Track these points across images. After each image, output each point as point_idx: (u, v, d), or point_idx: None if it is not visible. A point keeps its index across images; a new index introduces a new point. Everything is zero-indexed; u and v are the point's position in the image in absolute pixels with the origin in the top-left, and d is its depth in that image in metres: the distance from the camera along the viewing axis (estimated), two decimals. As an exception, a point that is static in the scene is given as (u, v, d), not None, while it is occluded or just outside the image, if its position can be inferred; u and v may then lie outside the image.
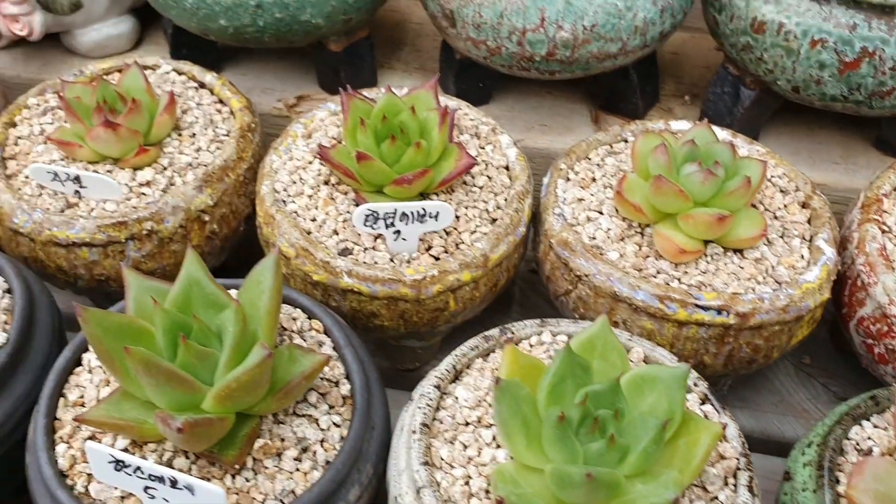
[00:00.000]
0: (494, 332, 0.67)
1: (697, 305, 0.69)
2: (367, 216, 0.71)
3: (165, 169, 0.79)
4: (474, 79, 0.93)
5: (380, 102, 0.76)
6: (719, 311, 0.69)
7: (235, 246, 0.84)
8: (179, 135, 0.82)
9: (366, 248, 0.73)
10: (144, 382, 0.57)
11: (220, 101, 0.86)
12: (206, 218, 0.78)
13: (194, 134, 0.82)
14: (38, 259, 0.76)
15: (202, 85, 0.87)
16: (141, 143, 0.78)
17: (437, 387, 0.63)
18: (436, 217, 0.71)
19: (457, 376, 0.65)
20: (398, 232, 0.72)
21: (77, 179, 0.75)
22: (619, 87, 0.92)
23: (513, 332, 0.67)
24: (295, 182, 0.77)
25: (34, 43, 0.99)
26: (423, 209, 0.71)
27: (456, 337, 0.88)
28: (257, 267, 0.62)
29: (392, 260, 0.72)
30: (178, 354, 0.59)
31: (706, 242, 0.73)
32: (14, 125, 0.83)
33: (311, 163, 0.79)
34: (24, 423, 0.65)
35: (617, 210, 0.76)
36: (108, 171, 0.78)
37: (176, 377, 0.56)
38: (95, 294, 0.81)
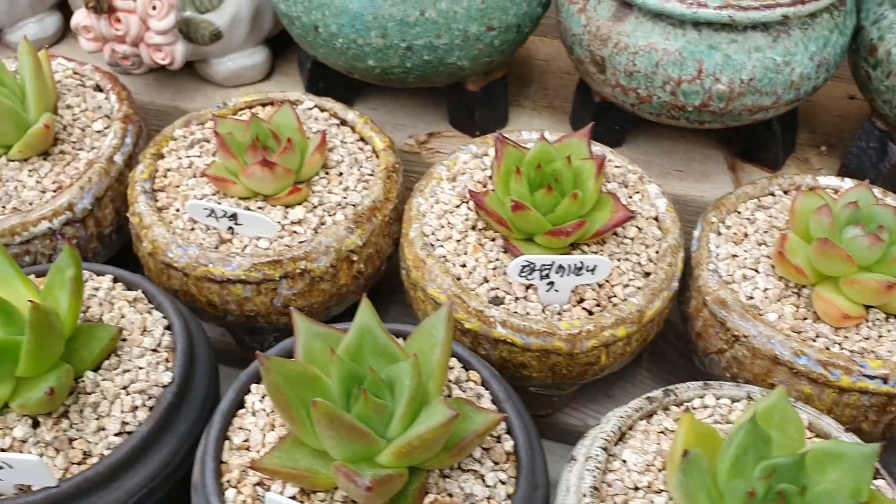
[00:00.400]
0: (657, 393, 0.66)
1: (863, 373, 0.67)
2: (524, 267, 0.71)
3: (315, 208, 0.79)
4: (611, 122, 0.93)
5: (533, 150, 0.75)
6: (885, 380, 0.67)
7: (374, 285, 0.84)
8: (327, 173, 0.82)
9: (517, 298, 0.73)
10: (324, 434, 0.57)
11: (362, 140, 0.86)
12: (355, 258, 0.78)
13: (341, 173, 0.82)
14: (189, 293, 0.77)
15: (343, 122, 0.88)
16: (293, 181, 0.79)
17: (605, 448, 0.62)
18: (592, 271, 0.71)
19: (621, 437, 0.64)
20: (552, 283, 0.72)
21: (234, 217, 0.76)
22: (760, 136, 0.91)
23: (676, 395, 0.67)
24: (443, 226, 0.77)
25: (167, 71, 1.00)
26: (581, 262, 0.70)
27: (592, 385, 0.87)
28: (430, 319, 0.62)
29: (543, 311, 0.72)
30: (351, 405, 0.59)
31: (867, 307, 0.71)
32: (162, 156, 0.84)
33: (458, 207, 0.79)
34: (186, 462, 0.66)
35: (773, 268, 0.75)
36: (259, 208, 0.78)
37: (357, 431, 0.56)
38: (237, 328, 0.82)
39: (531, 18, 0.87)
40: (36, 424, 0.63)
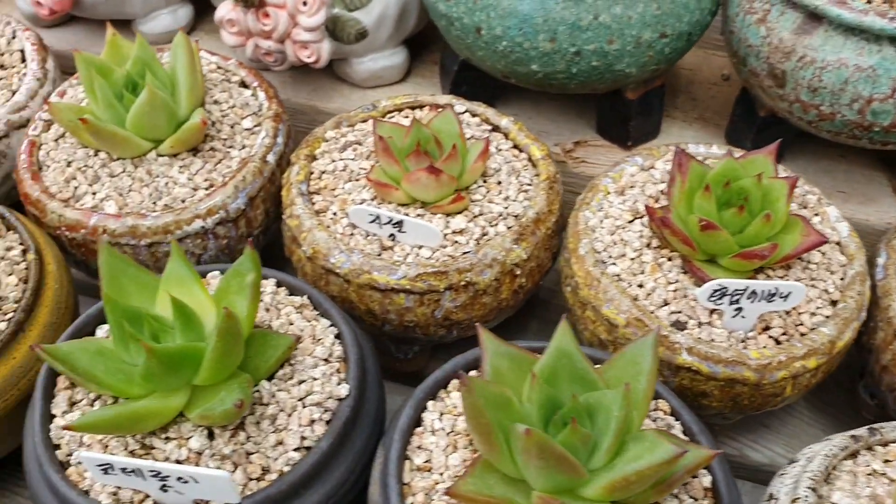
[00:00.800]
0: (862, 432, 0.62)
1: None
2: (715, 291, 0.67)
3: (476, 217, 0.76)
4: (772, 137, 0.88)
5: (720, 166, 0.71)
6: None
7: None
8: (485, 181, 0.79)
9: (700, 323, 0.69)
10: (530, 463, 0.53)
11: (517, 147, 0.83)
12: (518, 272, 0.74)
13: (500, 182, 0.79)
14: (349, 300, 0.74)
15: (496, 128, 0.84)
16: (455, 189, 0.76)
17: (813, 489, 0.58)
18: (785, 298, 0.67)
19: (826, 477, 0.60)
20: (739, 309, 0.67)
21: (398, 224, 0.73)
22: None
23: (881, 434, 0.62)
24: (615, 243, 0.74)
25: (303, 68, 0.98)
26: (775, 288, 0.66)
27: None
28: (635, 346, 0.58)
29: (728, 338, 0.68)
30: (551, 433, 0.56)
31: None
32: (315, 158, 0.81)
33: (630, 222, 0.75)
34: (360, 481, 0.63)
35: (973, 302, 0.70)
36: (418, 216, 0.75)
37: (566, 462, 0.53)
38: (388, 338, 0.79)
39: (701, 26, 0.83)
40: (211, 436, 0.60)
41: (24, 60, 0.93)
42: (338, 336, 0.68)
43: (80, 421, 0.56)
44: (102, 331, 0.68)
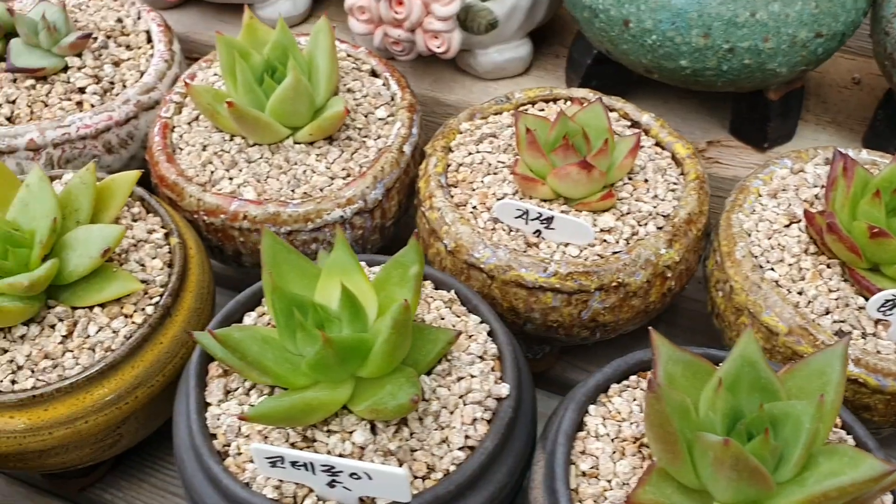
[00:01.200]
0: None
1: None
2: (886, 301, 0.64)
3: (624, 216, 0.73)
4: (917, 144, 0.85)
5: (887, 171, 0.69)
6: None
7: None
8: (630, 179, 0.76)
9: (865, 334, 0.66)
10: (720, 475, 0.51)
11: (658, 145, 0.80)
12: (669, 274, 0.72)
13: (646, 179, 0.76)
14: (491, 296, 0.72)
15: (635, 124, 0.82)
16: (603, 185, 0.73)
17: None
18: (960, 310, 0.64)
19: None
20: (909, 320, 0.65)
21: (548, 220, 0.71)
22: None
23: None
24: (773, 248, 0.71)
25: (424, 59, 0.96)
26: (951, 301, 0.63)
27: None
28: (822, 355, 0.56)
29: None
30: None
31: None
32: (450, 150, 0.80)
33: (787, 226, 0.72)
34: (518, 484, 0.61)
35: None
36: (563, 213, 0.73)
37: (758, 475, 0.50)
38: (530, 338, 0.77)
39: (854, 27, 0.80)
40: (373, 430, 0.59)
41: (149, 41, 0.92)
42: (489, 333, 0.66)
43: (255, 411, 0.54)
44: (250, 318, 0.67)
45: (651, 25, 0.78)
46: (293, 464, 0.54)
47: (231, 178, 0.78)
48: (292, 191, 0.77)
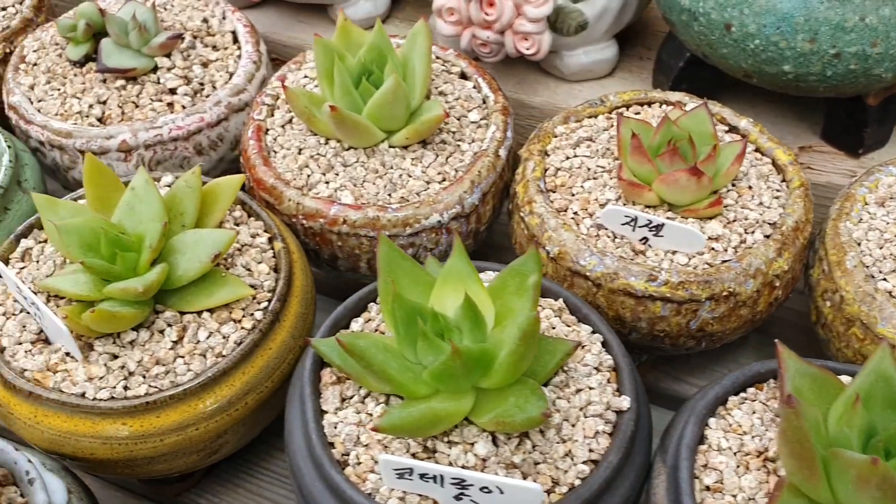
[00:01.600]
0: None
1: None
2: None
3: (731, 223, 0.72)
4: None
5: None
6: None
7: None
8: (734, 185, 0.75)
9: None
10: (864, 494, 0.50)
11: (758, 151, 0.79)
12: (777, 283, 0.71)
13: (750, 186, 0.75)
14: (596, 305, 0.71)
15: (733, 129, 0.80)
16: (711, 192, 0.72)
17: None
18: None
19: None
20: None
21: (657, 227, 0.69)
22: None
23: None
24: (885, 258, 0.70)
25: (507, 60, 0.95)
26: None
27: None
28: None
29: None
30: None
31: None
32: (547, 154, 0.79)
33: (898, 236, 0.71)
34: (638, 497, 0.60)
35: None
36: (668, 220, 0.72)
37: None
38: (633, 347, 0.76)
39: (962, 31, 0.78)
40: (494, 441, 0.58)
41: (235, 42, 0.92)
42: (603, 344, 0.65)
43: (388, 423, 0.54)
44: (357, 324, 0.66)
45: (755, 30, 0.76)
46: (422, 476, 0.53)
47: (328, 182, 0.77)
48: (389, 195, 0.76)
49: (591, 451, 0.58)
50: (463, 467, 0.56)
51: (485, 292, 0.60)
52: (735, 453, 0.59)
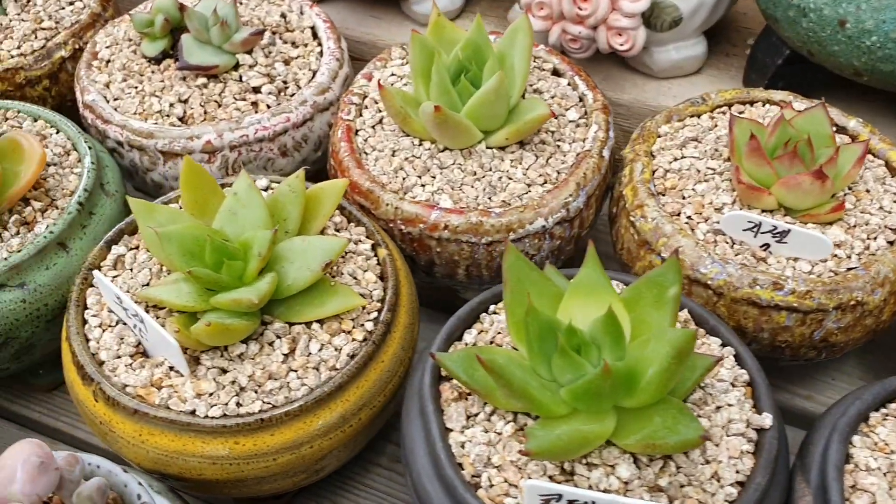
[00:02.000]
0: None
1: None
2: None
3: (852, 228, 0.69)
4: None
5: None
6: None
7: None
8: (851, 189, 0.72)
9: None
10: None
11: (871, 153, 0.76)
12: (904, 292, 0.68)
13: (868, 190, 0.72)
14: (716, 315, 0.68)
15: (842, 129, 0.77)
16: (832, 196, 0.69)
17: None
18: None
19: None
20: None
21: (781, 234, 0.66)
22: None
23: None
24: None
25: (595, 56, 0.91)
26: None
27: None
28: None
29: None
30: None
31: None
32: (653, 155, 0.75)
33: None
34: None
35: None
36: (789, 224, 0.69)
37: None
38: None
39: None
40: (635, 463, 0.55)
41: (314, 38, 0.88)
42: (735, 357, 0.62)
43: (538, 447, 0.51)
44: (470, 336, 0.63)
45: (872, 26, 0.73)
46: (570, 502, 0.50)
47: (424, 185, 0.74)
48: (489, 198, 0.73)
49: (737, 472, 0.55)
50: (605, 491, 0.53)
51: (621, 305, 0.57)
52: (885, 473, 0.56)
